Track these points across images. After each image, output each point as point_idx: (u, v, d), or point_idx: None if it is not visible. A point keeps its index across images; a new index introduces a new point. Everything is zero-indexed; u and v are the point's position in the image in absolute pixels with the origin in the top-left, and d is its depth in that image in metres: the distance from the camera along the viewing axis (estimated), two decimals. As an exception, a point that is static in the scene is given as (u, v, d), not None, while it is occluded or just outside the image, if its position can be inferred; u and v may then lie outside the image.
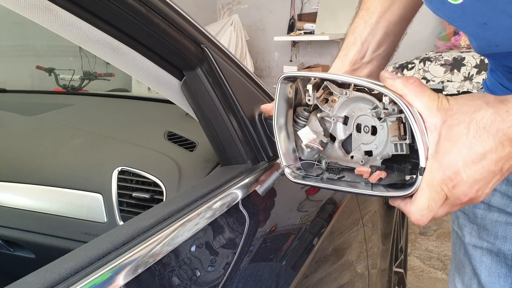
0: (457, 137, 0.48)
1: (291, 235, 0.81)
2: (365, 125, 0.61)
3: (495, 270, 0.78)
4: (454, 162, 0.48)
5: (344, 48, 0.76)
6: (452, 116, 0.49)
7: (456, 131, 0.48)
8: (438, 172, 0.49)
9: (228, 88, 0.80)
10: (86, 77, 3.31)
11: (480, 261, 0.80)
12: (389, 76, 0.52)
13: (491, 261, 0.78)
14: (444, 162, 0.49)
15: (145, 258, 0.55)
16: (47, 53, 3.52)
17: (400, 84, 0.51)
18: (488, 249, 0.78)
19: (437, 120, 0.49)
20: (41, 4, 0.57)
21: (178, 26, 0.71)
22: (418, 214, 0.51)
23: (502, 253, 0.76)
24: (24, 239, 1.14)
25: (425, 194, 0.50)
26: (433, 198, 0.50)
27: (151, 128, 1.26)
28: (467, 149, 0.48)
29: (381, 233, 1.34)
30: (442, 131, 0.49)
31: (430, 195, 0.50)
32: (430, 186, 0.50)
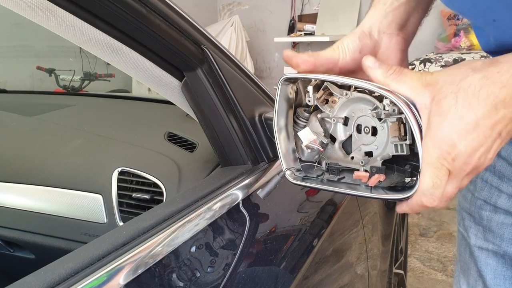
0: (446, 109, 0.47)
1: (291, 236, 0.80)
2: (366, 126, 0.61)
3: (500, 272, 0.77)
4: (448, 135, 0.47)
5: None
6: (440, 90, 0.47)
7: (444, 103, 0.47)
8: (434, 148, 0.48)
9: (229, 89, 0.80)
10: (87, 78, 3.31)
11: (485, 263, 0.79)
12: (371, 64, 0.51)
13: (496, 263, 0.78)
14: (438, 137, 0.47)
15: (145, 259, 0.55)
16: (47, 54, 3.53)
17: (380, 75, 0.50)
18: (494, 251, 0.77)
19: (426, 98, 0.48)
20: (42, 4, 0.57)
21: (178, 27, 0.71)
22: (427, 195, 0.50)
23: (508, 255, 0.76)
24: (24, 240, 1.14)
25: (427, 173, 0.49)
26: (436, 175, 0.49)
27: (151, 129, 1.26)
28: (459, 120, 0.46)
29: (381, 234, 1.34)
30: (432, 107, 0.48)
31: (432, 173, 0.49)
32: (429, 165, 0.48)
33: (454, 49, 4.03)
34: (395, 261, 1.69)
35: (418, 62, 3.81)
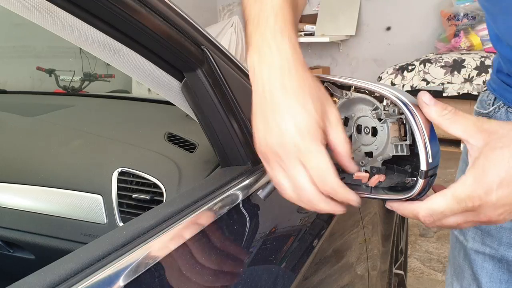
0: (499, 159, 0.48)
1: (291, 237, 0.80)
2: (366, 126, 0.61)
3: (496, 276, 0.78)
4: (490, 182, 0.48)
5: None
6: (498, 139, 0.48)
7: (499, 153, 0.48)
8: (470, 186, 0.48)
9: (229, 89, 0.80)
10: (87, 78, 3.31)
11: (481, 266, 0.79)
12: (426, 101, 0.50)
13: (493, 267, 0.78)
14: (480, 179, 0.48)
15: (145, 260, 0.55)
16: (47, 54, 3.53)
17: (435, 113, 0.50)
18: (491, 255, 0.78)
19: (479, 141, 0.49)
20: (42, 5, 0.57)
21: (178, 27, 0.71)
22: (428, 213, 0.50)
23: (505, 259, 0.76)
24: (23, 240, 1.14)
25: (446, 200, 0.49)
26: (451, 207, 0.49)
27: (151, 129, 1.26)
28: (505, 173, 0.47)
29: (381, 235, 1.34)
30: (484, 151, 0.49)
31: (451, 203, 0.49)
32: (455, 196, 0.49)
33: (454, 50, 4.03)
34: (395, 262, 1.69)
35: (418, 62, 3.81)
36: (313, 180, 0.49)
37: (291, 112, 0.48)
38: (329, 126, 0.50)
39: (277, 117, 0.48)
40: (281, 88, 0.49)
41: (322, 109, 0.49)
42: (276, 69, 0.50)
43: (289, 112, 0.48)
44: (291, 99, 0.48)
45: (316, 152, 0.48)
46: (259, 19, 0.53)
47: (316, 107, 0.49)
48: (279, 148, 0.49)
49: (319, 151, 0.48)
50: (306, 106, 0.48)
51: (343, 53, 4.73)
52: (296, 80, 0.49)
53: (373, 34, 4.44)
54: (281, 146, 0.48)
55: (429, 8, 4.02)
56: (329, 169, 0.48)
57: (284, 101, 0.48)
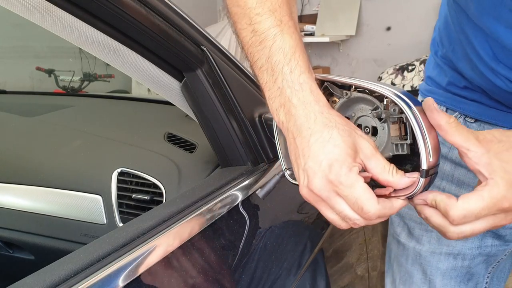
0: (510, 159, 0.49)
1: (291, 237, 0.80)
2: (366, 126, 0.61)
3: (448, 273, 0.82)
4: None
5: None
6: (498, 144, 0.50)
7: (508, 154, 0.49)
8: (504, 187, 0.48)
9: (228, 89, 0.79)
10: (86, 79, 3.31)
11: (436, 267, 0.82)
12: (437, 107, 0.51)
13: (447, 265, 0.81)
14: (505, 177, 0.48)
15: (145, 260, 0.55)
16: (47, 54, 3.52)
17: (443, 120, 0.50)
18: (448, 253, 0.80)
19: (481, 149, 0.50)
20: (41, 5, 0.57)
21: (178, 27, 0.71)
22: (462, 214, 0.49)
23: (462, 254, 0.79)
24: (23, 241, 1.14)
25: (484, 200, 0.49)
26: (488, 208, 0.49)
27: (151, 130, 1.26)
28: None
29: (381, 235, 1.34)
30: (491, 155, 0.49)
31: (488, 204, 0.49)
32: (493, 197, 0.48)
33: (453, 50, 4.03)
34: (395, 262, 1.69)
35: (418, 62, 3.81)
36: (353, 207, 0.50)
37: (321, 152, 0.49)
38: (364, 159, 0.51)
39: (310, 162, 0.50)
40: (309, 134, 0.50)
41: (352, 142, 0.50)
42: (302, 119, 0.51)
43: (319, 152, 0.49)
44: (319, 141, 0.49)
45: (348, 183, 0.48)
46: (272, 66, 0.53)
47: (345, 140, 0.49)
48: (318, 190, 0.50)
49: (351, 182, 0.48)
50: (335, 142, 0.49)
51: (343, 53, 4.72)
52: (321, 122, 0.50)
53: (373, 34, 4.43)
54: (319, 188, 0.50)
55: (429, 8, 4.02)
56: (363, 197, 0.49)
57: (313, 144, 0.50)
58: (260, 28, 0.54)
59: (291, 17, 0.56)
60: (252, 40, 0.55)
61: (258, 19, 0.54)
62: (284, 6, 0.55)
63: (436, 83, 0.80)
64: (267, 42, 0.53)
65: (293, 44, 0.53)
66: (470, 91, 0.73)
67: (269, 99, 0.54)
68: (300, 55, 0.53)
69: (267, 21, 0.54)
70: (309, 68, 0.54)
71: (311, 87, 0.52)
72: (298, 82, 0.52)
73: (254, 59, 0.55)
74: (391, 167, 0.51)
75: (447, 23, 0.73)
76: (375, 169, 0.50)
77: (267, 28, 0.54)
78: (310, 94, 0.52)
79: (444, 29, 0.76)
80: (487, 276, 0.82)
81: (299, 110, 0.51)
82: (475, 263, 0.80)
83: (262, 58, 0.54)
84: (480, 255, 0.79)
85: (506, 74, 0.64)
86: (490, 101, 0.71)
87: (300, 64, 0.53)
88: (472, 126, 0.74)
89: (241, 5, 0.56)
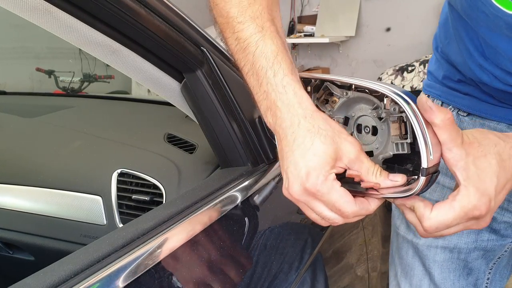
0: (488, 167, 0.51)
1: (291, 238, 0.80)
2: (366, 126, 0.61)
3: (446, 266, 0.83)
4: (489, 190, 0.51)
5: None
6: (477, 149, 0.51)
7: (484, 161, 0.51)
8: (475, 196, 0.50)
9: (228, 90, 0.79)
10: (86, 79, 3.30)
11: (433, 260, 0.83)
12: (432, 106, 0.51)
13: (444, 258, 0.82)
14: (480, 188, 0.50)
15: (145, 261, 0.55)
16: (47, 55, 3.52)
17: (439, 119, 0.51)
18: (443, 246, 0.82)
19: (462, 151, 0.51)
20: (41, 6, 0.57)
21: (178, 28, 0.71)
22: (435, 225, 0.52)
23: (458, 248, 0.81)
24: (23, 241, 1.14)
25: (455, 212, 0.51)
26: (459, 218, 0.51)
27: (150, 130, 1.26)
28: (497, 179, 0.51)
29: (381, 236, 1.34)
30: (469, 160, 0.51)
31: (458, 216, 0.51)
32: (463, 209, 0.50)
33: (453, 50, 4.03)
34: (395, 263, 1.69)
35: (418, 63, 3.81)
36: (332, 209, 0.54)
37: (301, 159, 0.51)
38: (349, 163, 0.53)
39: (291, 167, 0.52)
40: (292, 138, 0.52)
41: (334, 148, 0.51)
42: (287, 122, 0.53)
43: (300, 159, 0.51)
44: (300, 147, 0.51)
45: (325, 191, 0.51)
46: (256, 71, 0.55)
47: (326, 148, 0.51)
48: (297, 195, 0.53)
49: (327, 190, 0.51)
50: (315, 151, 0.51)
51: (343, 54, 4.73)
52: (304, 127, 0.52)
53: (373, 35, 4.44)
54: (297, 193, 0.53)
55: (429, 8, 4.02)
56: (340, 201, 0.52)
57: (295, 150, 0.52)
58: (243, 36, 0.56)
59: (272, 22, 0.58)
60: (237, 47, 0.57)
61: (240, 27, 0.56)
62: (265, 13, 0.57)
63: (434, 77, 0.82)
64: (250, 48, 0.55)
65: (274, 48, 0.55)
66: (464, 85, 0.75)
67: (257, 102, 0.56)
68: (282, 58, 0.55)
69: (249, 28, 0.56)
70: (292, 70, 0.55)
71: (294, 89, 0.53)
72: (281, 85, 0.53)
73: (241, 65, 0.58)
74: (375, 168, 0.53)
75: (447, 19, 0.75)
76: (359, 170, 0.53)
77: (249, 36, 0.56)
78: (293, 96, 0.53)
79: (443, 25, 0.78)
80: (488, 272, 0.83)
81: (284, 113, 0.53)
82: (472, 257, 0.81)
83: (247, 64, 0.56)
84: (477, 250, 0.80)
85: (492, 70, 0.66)
86: (482, 94, 0.72)
87: (283, 67, 0.54)
88: (464, 119, 0.76)
89: (224, 15, 0.58)
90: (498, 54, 0.64)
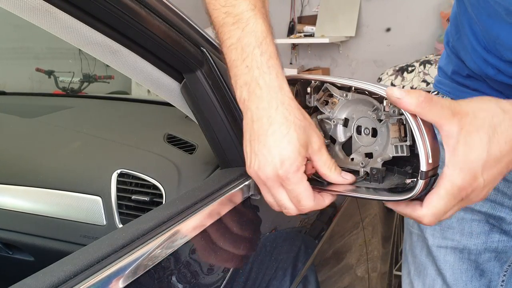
0: (477, 143, 0.49)
1: (291, 238, 0.80)
2: (366, 127, 0.61)
3: (458, 267, 0.82)
4: (475, 167, 0.49)
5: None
6: (471, 122, 0.49)
7: (475, 137, 0.49)
8: (458, 178, 0.49)
9: (228, 90, 0.79)
10: (86, 80, 3.30)
11: (444, 260, 0.83)
12: (398, 95, 0.50)
13: (454, 259, 0.82)
14: (464, 168, 0.49)
15: (144, 261, 0.55)
16: (46, 56, 3.52)
17: (412, 104, 0.49)
18: (453, 247, 0.82)
19: (453, 127, 0.49)
20: (41, 6, 0.57)
21: (178, 28, 0.71)
22: (433, 218, 0.52)
23: (467, 249, 0.80)
24: (23, 242, 1.14)
25: (444, 200, 0.50)
26: (450, 203, 0.51)
27: (150, 131, 1.26)
28: (487, 154, 0.49)
29: (381, 236, 1.34)
30: (460, 137, 0.49)
31: (449, 201, 0.50)
32: (450, 193, 0.50)
33: (453, 51, 4.03)
34: (396, 263, 1.69)
35: (418, 63, 3.81)
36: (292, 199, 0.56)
37: (276, 145, 0.53)
38: (312, 153, 0.55)
39: (264, 150, 0.53)
40: (268, 122, 0.53)
41: (305, 138, 0.54)
42: (264, 104, 0.53)
43: (275, 145, 0.53)
44: (276, 133, 0.53)
45: (294, 181, 0.54)
46: (242, 46, 0.55)
47: (300, 137, 0.53)
48: (265, 178, 0.55)
49: (297, 180, 0.54)
50: (290, 139, 0.52)
51: (343, 54, 4.73)
52: (282, 114, 0.53)
53: (373, 35, 4.44)
54: (267, 176, 0.54)
55: (429, 9, 4.02)
56: (303, 194, 0.55)
57: (270, 135, 0.53)
58: (234, 11, 0.56)
59: (263, 4, 0.58)
60: (225, 20, 0.57)
61: (233, 2, 0.56)
62: None
63: (444, 73, 0.82)
64: (240, 24, 0.55)
65: (264, 29, 0.56)
66: (472, 80, 0.74)
67: (234, 76, 0.56)
68: (270, 41, 0.56)
69: (241, 5, 0.56)
70: (277, 56, 0.56)
71: (277, 72, 0.54)
72: (267, 65, 0.54)
73: (224, 38, 0.57)
74: (331, 163, 0.56)
75: (456, 13, 0.76)
76: (318, 162, 0.56)
77: (241, 12, 0.56)
78: (276, 78, 0.54)
79: (453, 19, 0.78)
80: (503, 275, 0.81)
81: (263, 92, 0.53)
82: (484, 259, 0.80)
83: (233, 37, 0.56)
84: (488, 251, 0.79)
85: (495, 63, 0.65)
86: (490, 90, 0.71)
87: (270, 50, 0.55)
88: None
89: None
90: (499, 45, 0.63)
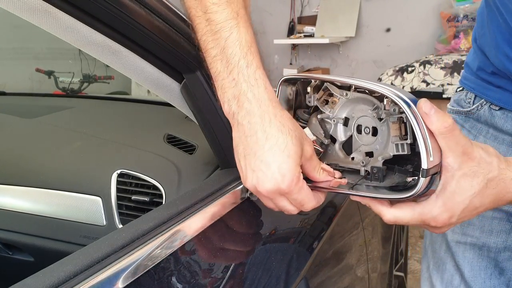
0: (467, 189, 0.52)
1: (291, 239, 0.80)
2: (366, 126, 0.61)
3: (476, 264, 0.82)
4: (455, 209, 0.52)
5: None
6: (472, 168, 0.52)
7: (467, 183, 0.52)
8: (438, 209, 0.53)
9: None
10: (86, 80, 3.30)
11: (463, 256, 0.83)
12: (427, 111, 0.51)
13: (473, 255, 0.82)
14: (448, 206, 0.52)
15: (144, 262, 0.55)
16: (46, 56, 3.52)
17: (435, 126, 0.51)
18: (472, 243, 0.82)
19: (456, 164, 0.52)
20: (41, 6, 0.57)
21: (178, 28, 0.71)
22: (393, 220, 0.56)
23: (487, 246, 0.81)
24: (23, 242, 1.14)
25: (413, 215, 0.54)
26: (415, 221, 0.54)
27: (150, 131, 1.26)
28: (469, 202, 0.52)
29: (381, 237, 1.34)
30: (456, 175, 0.52)
31: (416, 218, 0.54)
32: (422, 214, 0.54)
33: (453, 51, 4.03)
34: (396, 263, 1.69)
35: (418, 64, 3.81)
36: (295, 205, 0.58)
37: (275, 160, 0.52)
38: (304, 161, 0.56)
39: (262, 166, 0.53)
40: (264, 137, 0.52)
41: (300, 149, 0.54)
42: (256, 118, 0.53)
43: (273, 160, 0.52)
44: (274, 148, 0.52)
45: (296, 191, 0.55)
46: (227, 57, 0.54)
47: (297, 150, 0.53)
48: (266, 192, 0.55)
49: (298, 189, 0.55)
50: (289, 153, 0.52)
51: (343, 54, 4.73)
52: (276, 127, 0.53)
53: (373, 36, 4.44)
54: (268, 191, 0.54)
55: (429, 9, 4.02)
56: (305, 199, 0.57)
57: (268, 150, 0.52)
58: (216, 18, 0.54)
59: (246, 10, 0.57)
60: (207, 28, 0.55)
61: (214, 9, 0.54)
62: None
63: (470, 69, 0.82)
64: (223, 33, 0.54)
65: (249, 39, 0.55)
66: (497, 77, 0.75)
67: (221, 88, 0.55)
68: (255, 50, 0.55)
69: (223, 12, 0.54)
70: (262, 64, 0.55)
71: (265, 84, 0.54)
72: (254, 78, 0.53)
73: (208, 47, 0.56)
74: (318, 167, 0.59)
75: (483, 8, 0.76)
76: (308, 168, 0.58)
77: (223, 20, 0.54)
78: (264, 91, 0.53)
79: (480, 15, 0.78)
80: None
81: (254, 106, 0.53)
82: (503, 257, 0.80)
83: (216, 47, 0.55)
84: (508, 250, 0.79)
85: None
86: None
87: (255, 60, 0.54)
88: (496, 113, 0.75)
89: None
90: None
